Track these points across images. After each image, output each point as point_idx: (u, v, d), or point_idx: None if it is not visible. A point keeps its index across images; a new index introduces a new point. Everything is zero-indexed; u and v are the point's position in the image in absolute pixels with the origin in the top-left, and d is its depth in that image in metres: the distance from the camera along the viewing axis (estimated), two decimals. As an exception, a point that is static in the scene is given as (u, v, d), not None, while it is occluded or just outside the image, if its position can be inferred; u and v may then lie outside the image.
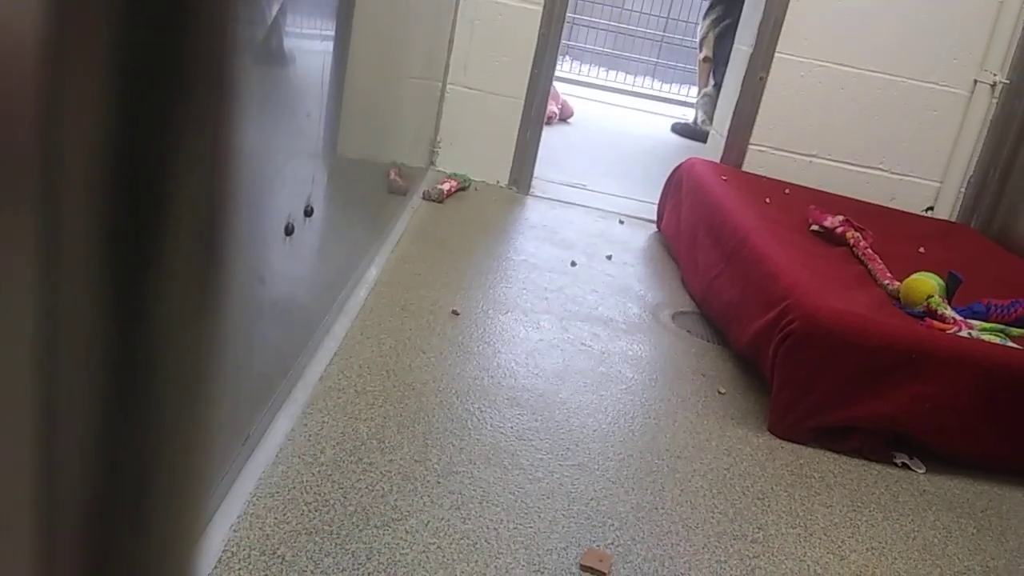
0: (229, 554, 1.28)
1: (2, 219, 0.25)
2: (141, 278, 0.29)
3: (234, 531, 1.33)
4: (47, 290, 0.26)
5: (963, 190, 3.45)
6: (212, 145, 0.30)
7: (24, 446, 0.28)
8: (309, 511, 1.42)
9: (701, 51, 5.78)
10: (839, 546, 1.65)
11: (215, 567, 1.25)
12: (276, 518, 1.38)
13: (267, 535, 1.34)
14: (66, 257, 0.27)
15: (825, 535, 1.68)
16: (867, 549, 1.66)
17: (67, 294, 0.27)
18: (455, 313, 2.29)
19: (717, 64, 5.40)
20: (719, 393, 2.17)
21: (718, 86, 4.60)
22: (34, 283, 0.26)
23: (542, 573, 1.40)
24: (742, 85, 3.44)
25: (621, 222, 3.53)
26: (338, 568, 1.31)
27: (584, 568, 1.43)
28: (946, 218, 3.45)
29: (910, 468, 1.99)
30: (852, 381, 1.96)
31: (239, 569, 1.26)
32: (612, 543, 1.51)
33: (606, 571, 1.43)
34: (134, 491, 0.32)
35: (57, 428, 0.28)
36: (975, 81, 3.35)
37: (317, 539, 1.36)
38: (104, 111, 0.26)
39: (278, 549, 1.32)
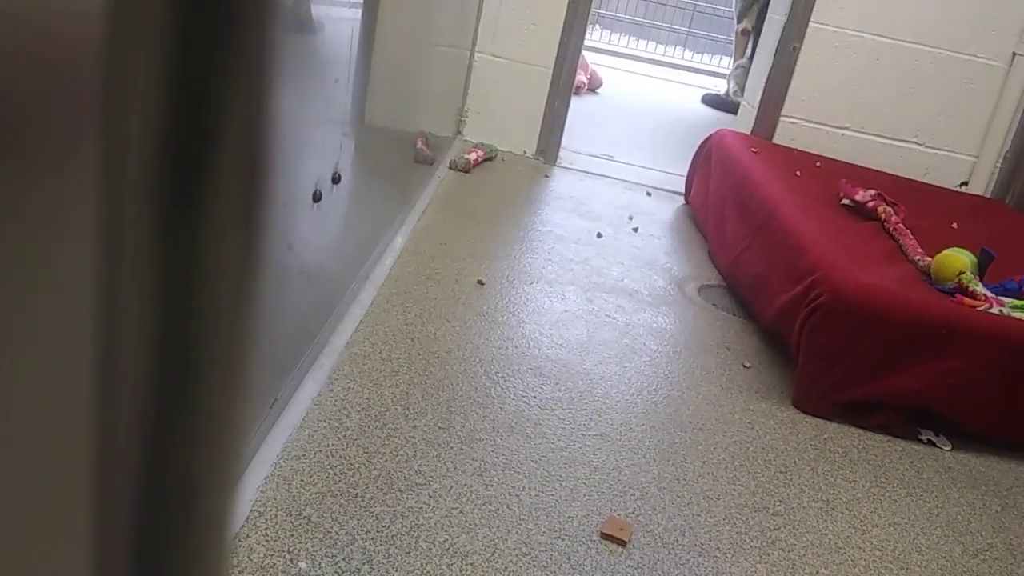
0: (256, 514, 1.31)
1: (66, 172, 0.26)
2: (190, 237, 0.29)
3: (261, 492, 1.35)
4: (104, 256, 0.27)
5: (999, 165, 3.38)
6: (254, 111, 0.30)
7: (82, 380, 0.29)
8: (334, 474, 1.44)
9: (741, 23, 5.69)
10: (861, 521, 1.65)
11: (242, 526, 1.28)
12: (302, 480, 1.41)
13: (293, 496, 1.37)
14: (122, 221, 0.28)
15: (847, 509, 1.68)
16: (889, 524, 1.66)
17: (121, 259, 0.28)
18: (480, 283, 2.30)
19: (756, 37, 5.31)
20: (744, 367, 2.16)
21: (753, 58, 4.53)
22: (93, 248, 0.27)
23: (563, 540, 1.42)
24: (775, 55, 3.38)
25: (648, 194, 3.51)
26: (362, 530, 1.33)
27: (604, 536, 1.44)
28: (980, 193, 3.38)
29: (935, 445, 1.98)
30: (879, 356, 1.95)
31: (266, 528, 1.29)
32: (633, 512, 1.52)
33: (626, 539, 1.44)
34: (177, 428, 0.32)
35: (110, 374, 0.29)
36: (1013, 53, 3.27)
37: (342, 501, 1.38)
38: (159, 79, 0.27)
39: (304, 510, 1.34)
